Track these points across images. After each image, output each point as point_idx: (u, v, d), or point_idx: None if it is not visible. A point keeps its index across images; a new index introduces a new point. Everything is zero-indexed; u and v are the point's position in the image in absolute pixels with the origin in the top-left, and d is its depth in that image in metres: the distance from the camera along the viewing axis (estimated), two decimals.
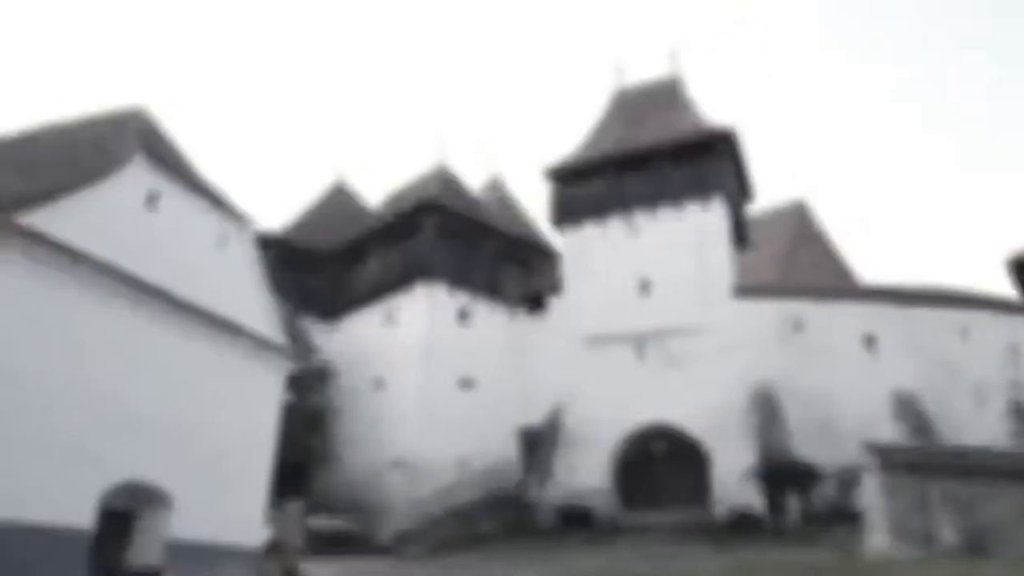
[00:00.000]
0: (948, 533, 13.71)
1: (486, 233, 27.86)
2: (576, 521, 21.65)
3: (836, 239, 31.25)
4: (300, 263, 29.19)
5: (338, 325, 28.69)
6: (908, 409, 20.67)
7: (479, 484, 24.26)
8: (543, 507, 22.66)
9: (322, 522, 21.78)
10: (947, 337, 22.12)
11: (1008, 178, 76.87)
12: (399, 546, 20.87)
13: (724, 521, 19.86)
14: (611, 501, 23.18)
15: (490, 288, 27.21)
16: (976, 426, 21.07)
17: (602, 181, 26.77)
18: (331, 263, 29.66)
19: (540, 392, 25.50)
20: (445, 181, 29.06)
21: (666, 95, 29.14)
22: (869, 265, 63.87)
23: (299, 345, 15.40)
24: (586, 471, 23.32)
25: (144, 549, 11.55)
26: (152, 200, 12.02)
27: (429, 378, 24.31)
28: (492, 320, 27.03)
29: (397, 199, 30.80)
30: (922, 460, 14.61)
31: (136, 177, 11.74)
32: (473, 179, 37.46)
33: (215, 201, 13.28)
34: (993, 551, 13.68)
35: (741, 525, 19.31)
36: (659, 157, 26.09)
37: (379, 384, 25.71)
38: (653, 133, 27.30)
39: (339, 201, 33.46)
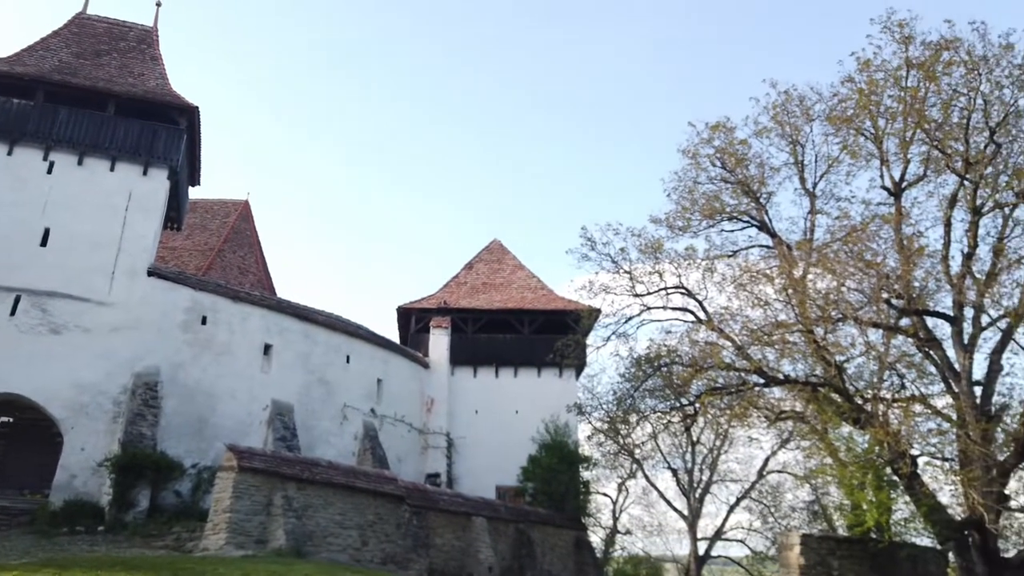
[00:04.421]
0: (281, 535, 14.90)
1: None
2: None
3: (268, 248, 32.37)
4: None
5: None
6: (282, 419, 22.17)
7: None
8: None
9: None
10: (333, 359, 24.79)
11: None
12: None
13: (61, 511, 17.93)
14: None
15: None
16: (336, 441, 23.99)
17: (27, 104, 22.38)
18: None
19: None
20: None
21: (137, 42, 26.30)
22: (284, 279, 68.31)
23: None
24: None
25: None
26: None
27: None
28: None
29: None
30: (274, 467, 15.66)
31: None
32: None
33: None
34: (313, 554, 15.40)
35: (80, 516, 17.71)
36: (109, 100, 23.16)
37: None
38: (109, 75, 24.19)
39: None
